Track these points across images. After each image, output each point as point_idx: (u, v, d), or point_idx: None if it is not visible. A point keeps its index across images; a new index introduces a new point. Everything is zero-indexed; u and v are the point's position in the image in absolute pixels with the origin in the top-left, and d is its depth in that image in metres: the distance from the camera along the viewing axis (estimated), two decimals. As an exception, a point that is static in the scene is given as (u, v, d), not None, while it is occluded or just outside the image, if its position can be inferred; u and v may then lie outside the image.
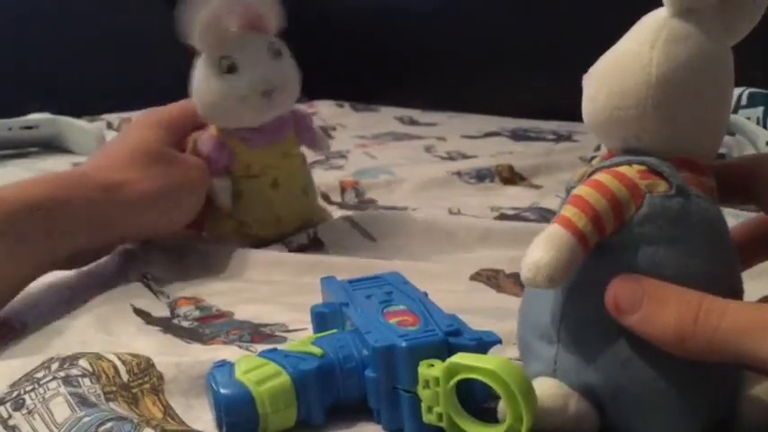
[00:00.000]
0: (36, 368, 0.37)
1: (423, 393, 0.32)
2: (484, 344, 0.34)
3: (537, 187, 0.84)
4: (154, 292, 0.54)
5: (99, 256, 0.57)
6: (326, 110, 1.44)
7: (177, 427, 0.34)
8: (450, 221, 0.67)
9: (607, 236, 0.31)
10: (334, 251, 0.63)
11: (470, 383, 0.31)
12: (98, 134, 1.07)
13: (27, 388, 0.35)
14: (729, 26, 0.33)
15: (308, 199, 0.67)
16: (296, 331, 0.47)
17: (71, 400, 0.34)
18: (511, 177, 0.86)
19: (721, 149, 0.75)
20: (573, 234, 0.30)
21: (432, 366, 0.32)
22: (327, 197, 0.81)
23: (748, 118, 0.79)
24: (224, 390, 0.34)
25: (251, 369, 0.35)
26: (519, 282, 0.52)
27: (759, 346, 0.27)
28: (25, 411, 0.34)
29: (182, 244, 0.61)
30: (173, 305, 0.52)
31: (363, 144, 1.13)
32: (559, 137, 1.12)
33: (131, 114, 1.27)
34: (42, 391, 0.35)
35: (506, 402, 0.30)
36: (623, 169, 0.31)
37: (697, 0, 0.31)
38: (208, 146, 0.61)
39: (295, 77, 0.61)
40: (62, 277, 0.55)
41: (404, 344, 0.33)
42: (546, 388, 0.31)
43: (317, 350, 0.36)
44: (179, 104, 0.63)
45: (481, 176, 0.86)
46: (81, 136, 1.07)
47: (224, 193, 0.62)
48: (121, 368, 0.37)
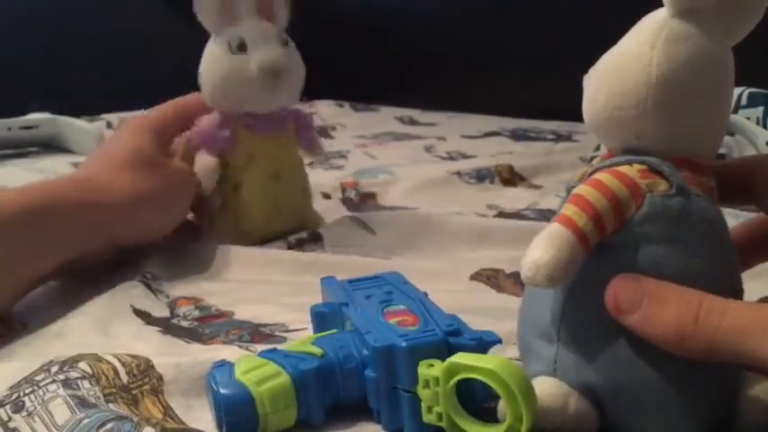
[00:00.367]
0: (36, 371, 0.37)
1: (423, 393, 0.32)
2: (484, 344, 0.34)
3: (537, 187, 0.84)
4: (153, 292, 0.54)
5: (93, 263, 0.57)
6: (326, 110, 1.43)
7: (177, 426, 0.34)
8: (450, 221, 0.67)
9: (608, 235, 0.31)
10: (333, 244, 0.63)
11: (470, 383, 0.31)
12: (98, 134, 1.07)
13: (26, 390, 0.35)
14: (729, 26, 0.33)
15: (307, 200, 0.67)
16: (295, 331, 0.47)
17: (71, 402, 0.34)
18: (511, 178, 0.86)
19: (721, 149, 0.75)
20: (573, 233, 0.30)
21: (431, 366, 0.32)
22: (328, 196, 0.81)
23: (748, 118, 0.79)
24: (224, 390, 0.34)
25: (251, 369, 0.35)
26: (519, 281, 0.52)
27: (759, 346, 0.27)
28: (25, 414, 0.34)
29: (181, 244, 0.61)
30: (172, 305, 0.52)
31: (363, 144, 1.13)
32: (559, 137, 1.12)
33: (131, 114, 1.27)
34: (42, 393, 0.35)
35: (506, 402, 0.30)
36: (624, 169, 0.31)
37: (697, 0, 0.31)
38: (208, 122, 0.61)
39: (301, 69, 0.63)
40: (62, 277, 0.55)
41: (404, 344, 0.33)
42: (546, 387, 0.31)
43: (317, 350, 0.36)
44: (173, 104, 0.63)
45: (481, 177, 0.86)
46: (81, 136, 1.07)
47: (209, 176, 0.61)
48: (121, 370, 0.37)
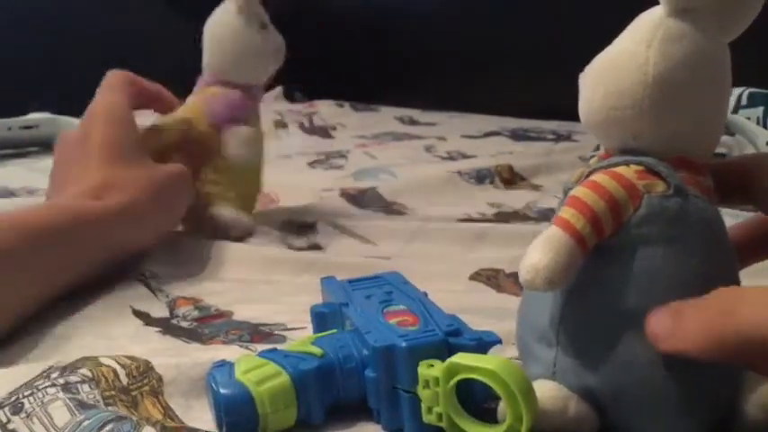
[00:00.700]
0: (36, 377, 0.37)
1: (422, 393, 0.32)
2: (484, 344, 0.34)
3: (537, 187, 0.84)
4: (152, 291, 0.54)
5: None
6: (326, 109, 1.43)
7: (177, 426, 0.34)
8: (450, 221, 0.67)
9: (606, 237, 0.30)
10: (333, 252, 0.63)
11: (470, 383, 0.31)
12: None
13: (25, 392, 0.35)
14: (725, 24, 0.32)
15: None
16: (295, 330, 0.47)
17: (70, 405, 0.34)
18: (511, 178, 0.86)
19: (721, 149, 0.75)
20: (571, 236, 0.29)
21: (431, 366, 0.32)
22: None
23: (748, 118, 0.79)
24: (224, 390, 0.34)
25: (251, 369, 0.35)
26: (519, 282, 0.52)
27: None
28: (24, 415, 0.34)
29: (180, 243, 0.61)
30: (171, 305, 0.52)
31: (363, 144, 1.13)
32: (559, 137, 1.12)
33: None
34: (41, 396, 0.35)
35: (506, 402, 0.30)
36: (621, 170, 0.31)
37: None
38: (235, 95, 0.65)
39: None
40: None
41: (404, 344, 0.33)
42: (545, 390, 0.31)
43: (317, 350, 0.36)
44: (120, 88, 0.63)
45: (481, 177, 0.85)
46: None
47: (253, 144, 0.66)
48: (120, 372, 0.37)
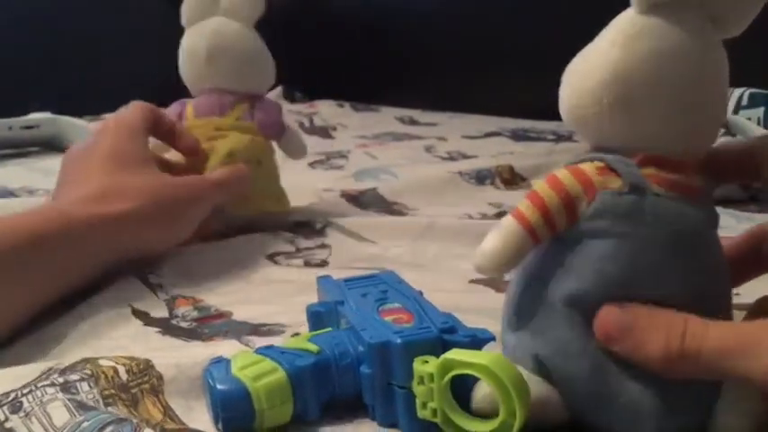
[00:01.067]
0: (36, 378, 0.37)
1: (417, 389, 0.33)
2: (478, 341, 0.34)
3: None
4: (152, 290, 0.54)
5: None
6: (327, 110, 1.43)
7: (177, 427, 0.34)
8: (450, 222, 0.67)
9: (561, 230, 0.31)
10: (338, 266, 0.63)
11: (464, 380, 0.32)
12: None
13: (24, 391, 0.35)
14: (719, 19, 0.31)
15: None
16: (294, 328, 0.47)
17: (70, 405, 0.34)
18: (511, 178, 0.86)
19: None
20: (523, 227, 0.31)
21: (426, 363, 0.33)
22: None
23: (749, 118, 0.79)
24: (220, 385, 0.34)
25: (247, 365, 0.35)
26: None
27: (741, 366, 0.27)
28: (23, 414, 0.34)
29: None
30: (171, 304, 0.52)
31: (364, 144, 1.13)
32: (559, 137, 1.12)
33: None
34: (40, 395, 0.35)
35: (500, 397, 0.30)
36: (584, 166, 0.32)
37: None
38: (271, 103, 0.70)
39: None
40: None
41: (399, 340, 0.34)
42: None
43: (313, 347, 0.36)
44: (137, 108, 0.60)
45: (481, 178, 0.85)
46: (82, 135, 1.06)
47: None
48: (120, 368, 0.37)
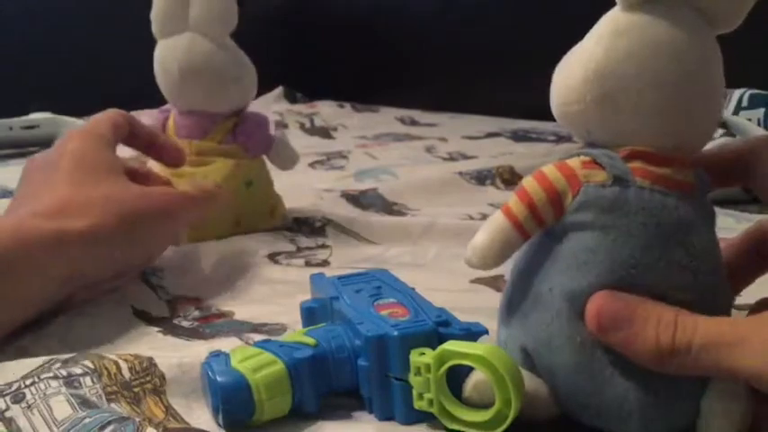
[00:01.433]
0: (37, 368, 0.37)
1: (414, 380, 0.33)
2: (472, 334, 0.35)
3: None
4: (153, 289, 0.54)
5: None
6: (328, 110, 1.44)
7: (179, 426, 0.34)
8: (450, 222, 0.67)
9: (548, 223, 0.32)
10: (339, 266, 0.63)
11: (460, 371, 0.32)
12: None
13: (27, 382, 0.35)
14: (708, 12, 0.31)
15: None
16: (295, 328, 0.47)
17: (72, 401, 0.34)
18: (512, 179, 0.86)
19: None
20: (510, 221, 0.32)
21: (423, 354, 0.33)
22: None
23: (749, 119, 0.79)
24: (220, 378, 0.34)
25: (246, 358, 0.35)
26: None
27: (731, 360, 0.27)
28: (24, 405, 0.34)
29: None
30: (172, 304, 0.52)
31: (364, 144, 1.13)
32: (560, 138, 1.12)
33: (131, 114, 1.27)
34: (43, 387, 0.35)
35: (495, 387, 0.31)
36: (570, 161, 0.32)
37: None
38: (255, 118, 0.66)
39: None
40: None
41: (395, 333, 0.34)
42: None
43: (311, 340, 0.36)
44: (107, 116, 0.58)
45: (481, 178, 0.86)
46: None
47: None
48: (123, 366, 0.37)
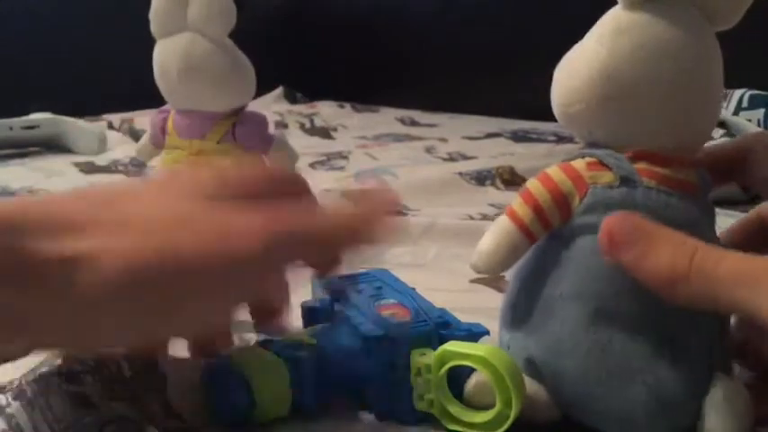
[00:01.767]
0: (38, 365, 0.37)
1: (415, 381, 0.33)
2: (473, 335, 0.35)
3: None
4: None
5: None
6: (328, 110, 1.43)
7: (179, 425, 0.35)
8: (450, 222, 0.67)
9: (555, 226, 0.31)
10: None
11: (461, 372, 0.32)
12: (100, 134, 1.08)
13: (28, 379, 0.35)
14: (708, 9, 0.31)
15: None
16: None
17: (73, 399, 0.34)
18: (512, 179, 0.86)
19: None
20: (515, 224, 0.31)
21: (424, 355, 0.33)
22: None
23: (749, 120, 0.79)
24: (221, 377, 0.34)
25: (247, 357, 0.35)
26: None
27: (754, 296, 0.26)
28: (25, 402, 0.34)
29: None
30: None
31: (364, 145, 1.13)
32: (560, 138, 1.12)
33: (132, 114, 1.27)
34: (44, 384, 0.35)
35: (496, 388, 0.31)
36: (575, 162, 0.32)
37: None
38: (253, 119, 0.58)
39: None
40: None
41: (397, 333, 0.34)
42: None
43: (311, 340, 0.36)
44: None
45: (481, 178, 0.86)
46: (82, 136, 1.07)
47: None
48: (124, 364, 0.37)
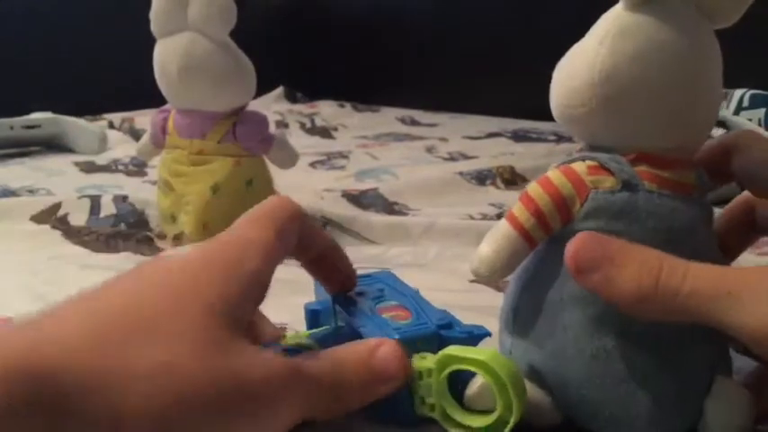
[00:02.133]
0: None
1: (416, 385, 0.33)
2: (474, 336, 0.35)
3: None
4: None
5: None
6: (328, 110, 1.44)
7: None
8: (451, 222, 0.67)
9: (555, 230, 0.31)
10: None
11: (462, 376, 0.32)
12: (101, 133, 1.08)
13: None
14: (708, 8, 0.31)
15: None
16: (296, 328, 0.47)
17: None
18: (512, 179, 0.86)
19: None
20: (516, 229, 0.31)
21: (424, 358, 0.33)
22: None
23: (750, 119, 0.79)
24: None
25: None
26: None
27: (722, 312, 0.26)
28: None
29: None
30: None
31: (365, 144, 1.13)
32: (561, 138, 1.12)
33: (132, 114, 1.27)
34: None
35: (497, 392, 0.31)
36: (575, 165, 0.31)
37: None
38: (254, 118, 0.62)
39: None
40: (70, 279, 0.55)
41: (397, 336, 0.34)
42: None
43: (312, 343, 0.36)
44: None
45: (482, 178, 0.86)
46: (83, 135, 1.07)
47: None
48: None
